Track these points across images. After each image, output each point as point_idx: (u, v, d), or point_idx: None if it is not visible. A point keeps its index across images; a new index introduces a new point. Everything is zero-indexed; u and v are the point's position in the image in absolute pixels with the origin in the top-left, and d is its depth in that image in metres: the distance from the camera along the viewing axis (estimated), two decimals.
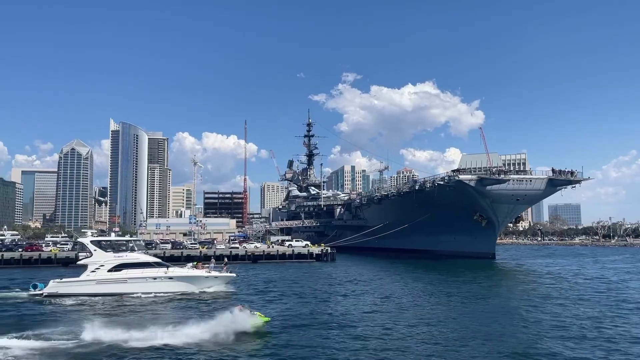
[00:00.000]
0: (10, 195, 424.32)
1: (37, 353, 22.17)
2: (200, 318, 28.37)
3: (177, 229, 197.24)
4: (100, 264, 41.15)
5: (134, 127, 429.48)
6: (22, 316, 32.02)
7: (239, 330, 25.13)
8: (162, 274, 41.63)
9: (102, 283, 40.61)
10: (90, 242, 43.33)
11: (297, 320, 29.78)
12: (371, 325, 28.28)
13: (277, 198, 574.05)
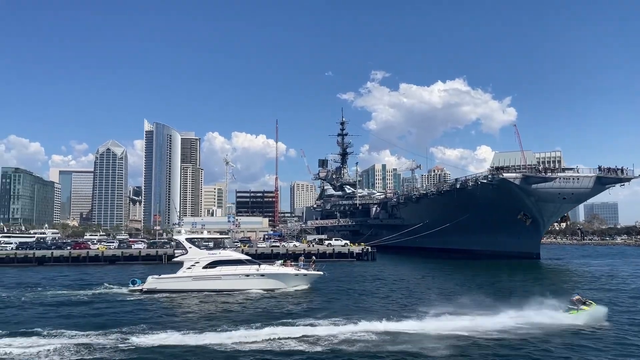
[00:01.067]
0: (49, 194, 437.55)
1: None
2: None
3: (211, 227, 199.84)
4: (195, 261, 42.27)
5: (167, 128, 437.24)
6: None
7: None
8: (254, 271, 42.51)
9: (197, 279, 41.71)
10: (186, 240, 44.29)
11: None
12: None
13: (307, 197, 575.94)
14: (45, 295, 40.91)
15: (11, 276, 61.34)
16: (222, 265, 42.29)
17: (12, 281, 54.17)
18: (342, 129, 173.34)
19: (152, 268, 64.62)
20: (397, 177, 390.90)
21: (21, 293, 42.31)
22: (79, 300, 38.45)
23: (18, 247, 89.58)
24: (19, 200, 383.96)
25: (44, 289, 44.89)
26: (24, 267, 76.25)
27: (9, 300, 38.36)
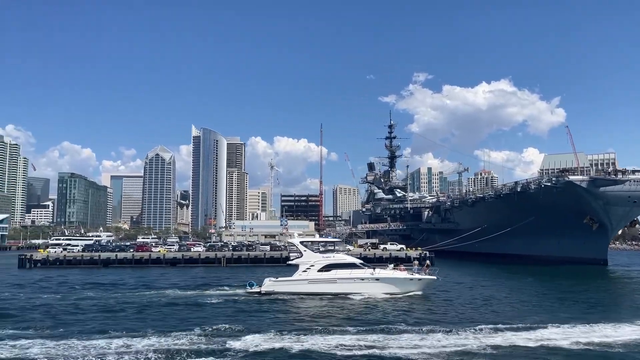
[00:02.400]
0: (102, 198, 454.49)
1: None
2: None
3: (259, 230, 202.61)
4: (310, 264, 42.88)
5: (213, 133, 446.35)
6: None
7: None
8: (368, 275, 42.39)
9: (313, 282, 42.30)
10: (300, 243, 45.07)
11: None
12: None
13: (350, 201, 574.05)
14: (168, 296, 42.52)
15: (103, 276, 63.73)
16: (336, 268, 42.50)
17: (116, 281, 56.14)
18: (390, 132, 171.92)
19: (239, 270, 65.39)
20: (444, 181, 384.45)
21: (145, 293, 44.21)
22: (206, 302, 39.16)
23: (84, 250, 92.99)
24: (75, 204, 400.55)
25: (161, 290, 46.45)
26: (90, 268, 79.05)
27: (153, 301, 39.75)
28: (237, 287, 46.99)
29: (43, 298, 42.15)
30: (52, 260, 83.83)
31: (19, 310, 35.84)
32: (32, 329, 28.59)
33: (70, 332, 27.68)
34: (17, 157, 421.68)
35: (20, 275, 69.18)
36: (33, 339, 25.78)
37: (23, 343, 25.04)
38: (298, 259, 44.15)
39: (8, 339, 25.76)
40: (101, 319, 32.29)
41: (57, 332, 27.98)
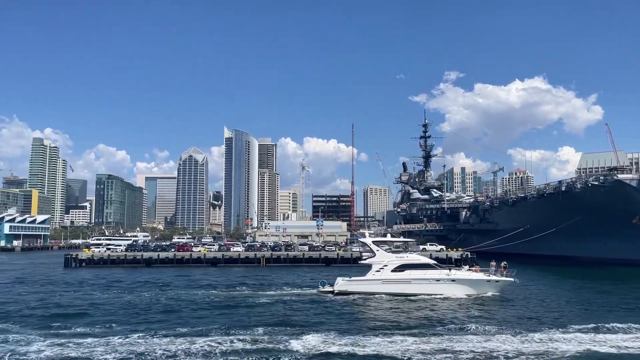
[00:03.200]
0: (137, 199, 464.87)
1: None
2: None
3: (292, 231, 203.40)
4: (384, 264, 42.41)
5: (245, 134, 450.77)
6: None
7: None
8: (444, 276, 41.63)
9: (387, 283, 41.88)
10: (372, 243, 44.63)
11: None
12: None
13: (381, 201, 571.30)
14: (243, 295, 43.03)
15: (155, 275, 64.65)
16: (410, 269, 41.94)
17: (174, 282, 56.48)
18: (424, 132, 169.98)
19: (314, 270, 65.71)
20: (477, 180, 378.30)
21: (213, 292, 44.93)
22: (278, 301, 39.44)
23: (127, 249, 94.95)
24: (112, 205, 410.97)
25: (231, 289, 47.08)
26: (133, 268, 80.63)
27: (240, 301, 40.06)
28: (305, 286, 47.38)
29: (103, 297, 43.11)
30: (97, 259, 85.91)
31: (87, 309, 36.70)
32: (105, 328, 29.20)
33: (134, 330, 28.20)
34: (56, 160, 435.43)
35: (70, 274, 70.97)
36: (110, 337, 26.42)
37: (112, 340, 25.65)
38: (371, 259, 43.59)
39: (90, 337, 26.34)
40: (189, 317, 32.62)
41: (124, 329, 28.61)
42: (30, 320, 31.33)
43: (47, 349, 23.76)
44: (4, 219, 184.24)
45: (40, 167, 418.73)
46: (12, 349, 23.87)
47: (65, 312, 34.78)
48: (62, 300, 41.45)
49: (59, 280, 59.47)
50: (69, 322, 30.60)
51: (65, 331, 28.05)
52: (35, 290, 49.59)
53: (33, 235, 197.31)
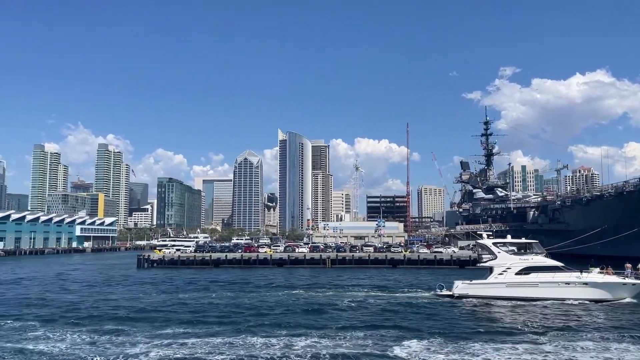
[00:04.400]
0: (196, 202, 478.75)
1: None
2: None
3: (348, 232, 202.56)
4: (506, 267, 40.61)
5: (299, 136, 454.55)
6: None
7: None
8: (574, 279, 39.16)
9: (512, 286, 39.91)
10: (493, 244, 42.92)
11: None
12: None
13: (436, 201, 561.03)
14: (355, 297, 42.61)
15: (235, 276, 65.48)
16: (537, 271, 39.82)
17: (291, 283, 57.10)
18: (485, 129, 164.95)
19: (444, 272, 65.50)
20: (539, 179, 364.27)
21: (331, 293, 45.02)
22: (393, 304, 38.84)
23: (196, 250, 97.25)
24: (172, 207, 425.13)
25: (312, 290, 47.29)
26: (202, 268, 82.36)
27: (326, 302, 39.91)
28: (418, 289, 46.50)
29: (191, 297, 43.93)
30: (168, 260, 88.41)
31: (177, 309, 37.38)
32: (204, 328, 29.48)
33: (236, 330, 28.34)
34: (120, 165, 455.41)
35: (145, 274, 73.24)
36: (211, 337, 26.63)
37: (211, 341, 25.79)
38: (492, 261, 41.68)
39: (193, 337, 26.67)
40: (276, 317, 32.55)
41: (224, 329, 28.75)
42: (127, 321, 32.04)
43: (153, 350, 24.09)
44: (76, 222, 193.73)
45: (105, 172, 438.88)
46: (119, 351, 24.37)
47: (160, 312, 35.46)
48: (153, 300, 42.51)
49: (139, 281, 61.29)
50: (166, 322, 31.17)
51: (167, 331, 28.52)
52: (123, 290, 51.04)
53: (102, 237, 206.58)
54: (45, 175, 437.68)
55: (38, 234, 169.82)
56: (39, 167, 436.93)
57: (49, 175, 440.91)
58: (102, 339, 26.68)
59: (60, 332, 28.16)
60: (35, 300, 43.01)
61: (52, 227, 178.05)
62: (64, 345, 25.31)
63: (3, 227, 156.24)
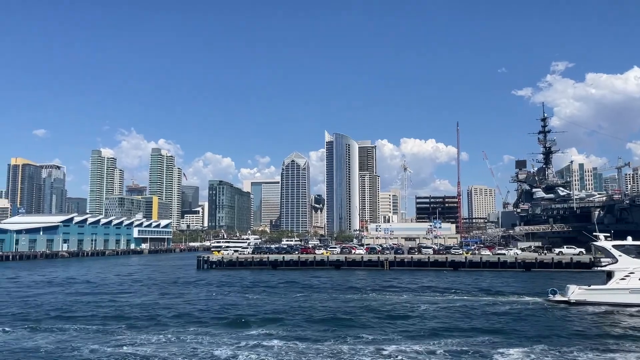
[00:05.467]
0: (245, 204, 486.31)
1: None
2: None
3: (399, 233, 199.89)
4: (629, 271, 38.82)
5: (345, 137, 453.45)
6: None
7: None
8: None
9: (636, 292, 37.88)
10: (613, 247, 40.97)
11: None
12: None
13: (486, 201, 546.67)
14: (401, 299, 42.09)
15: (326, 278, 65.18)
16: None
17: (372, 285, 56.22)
18: (543, 126, 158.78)
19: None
20: (598, 177, 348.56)
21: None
22: (500, 310, 37.33)
23: (253, 252, 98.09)
24: (223, 210, 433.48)
25: (417, 293, 46.71)
26: (260, 270, 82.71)
27: (404, 306, 39.05)
28: (525, 294, 45.01)
29: (262, 299, 43.93)
30: (226, 261, 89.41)
31: (246, 310, 37.34)
32: (287, 330, 29.26)
33: (323, 333, 27.84)
34: (172, 168, 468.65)
35: (206, 275, 74.25)
36: (297, 341, 26.24)
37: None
38: (612, 265, 39.39)
39: (276, 339, 26.39)
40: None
41: (311, 333, 28.36)
42: (208, 321, 32.16)
43: (240, 354, 23.83)
44: (133, 224, 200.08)
45: (158, 175, 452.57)
46: (206, 350, 24.30)
47: (236, 313, 35.55)
48: (226, 300, 42.84)
49: (204, 282, 62.01)
50: (247, 323, 31.09)
51: (251, 332, 28.40)
52: (195, 291, 51.67)
53: (158, 239, 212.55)
54: (103, 180, 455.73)
55: (99, 236, 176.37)
56: (96, 172, 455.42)
57: (106, 179, 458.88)
58: (188, 340, 26.74)
59: (147, 334, 28.43)
60: (111, 301, 44.06)
61: (112, 229, 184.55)
62: (150, 348, 25.40)
63: (67, 229, 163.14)
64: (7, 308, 39.39)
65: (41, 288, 56.38)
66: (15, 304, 42.05)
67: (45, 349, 25.09)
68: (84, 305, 40.75)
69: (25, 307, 39.68)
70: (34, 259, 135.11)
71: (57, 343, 26.39)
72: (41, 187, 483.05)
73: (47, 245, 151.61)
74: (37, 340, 27.06)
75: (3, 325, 31.47)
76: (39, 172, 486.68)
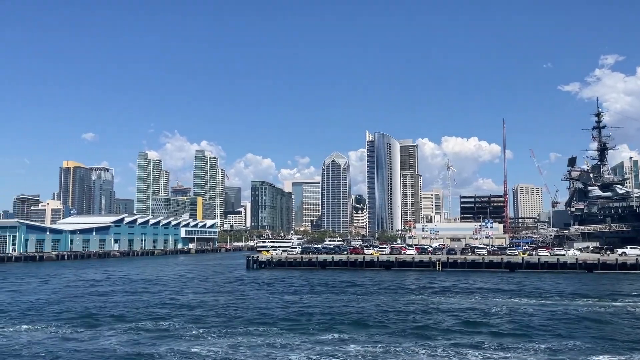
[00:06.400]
0: (287, 204, 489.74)
1: None
2: None
3: (444, 233, 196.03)
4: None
5: (386, 136, 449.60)
6: None
7: None
8: None
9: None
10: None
11: None
12: None
13: (533, 200, 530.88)
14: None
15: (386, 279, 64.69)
16: None
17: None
18: (597, 122, 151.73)
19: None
20: None
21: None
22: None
23: (302, 252, 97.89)
24: (265, 210, 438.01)
25: (486, 296, 45.43)
26: (310, 270, 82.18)
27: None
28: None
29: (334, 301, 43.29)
30: (275, 261, 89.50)
31: (319, 312, 36.70)
32: (380, 335, 28.36)
33: (422, 339, 26.82)
34: (215, 169, 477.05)
35: (258, 275, 74.32)
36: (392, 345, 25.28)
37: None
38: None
39: (355, 345, 25.56)
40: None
41: (382, 338, 27.38)
42: (276, 323, 31.67)
43: (316, 359, 23.11)
44: (181, 224, 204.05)
45: (202, 177, 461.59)
46: (281, 355, 23.69)
47: (303, 314, 34.97)
48: (286, 300, 42.40)
49: (260, 281, 61.86)
50: (314, 325, 30.47)
51: (324, 336, 27.64)
52: (254, 291, 51.47)
53: (204, 239, 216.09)
54: (149, 181, 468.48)
55: (148, 236, 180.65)
56: (143, 174, 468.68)
57: (152, 180, 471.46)
58: (259, 342, 26.22)
59: (217, 335, 28.15)
60: (172, 301, 44.37)
61: (160, 229, 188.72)
62: (221, 349, 25.04)
63: (118, 230, 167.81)
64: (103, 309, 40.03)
65: (116, 285, 57.66)
66: (107, 304, 42.52)
67: (126, 350, 25.15)
68: (155, 305, 40.96)
69: (119, 309, 39.62)
70: (87, 258, 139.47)
71: (130, 345, 26.44)
72: (91, 188, 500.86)
73: (100, 245, 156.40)
74: (141, 342, 27.17)
75: (101, 327, 31.91)
76: (89, 175, 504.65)
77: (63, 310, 38.27)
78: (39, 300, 44.31)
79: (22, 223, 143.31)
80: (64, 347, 25.78)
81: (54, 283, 62.93)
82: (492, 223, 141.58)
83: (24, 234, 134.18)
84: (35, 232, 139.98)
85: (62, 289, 54.47)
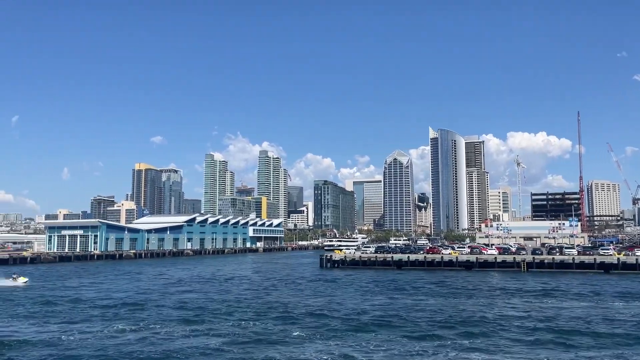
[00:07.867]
0: (349, 203, 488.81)
1: None
2: None
3: (517, 232, 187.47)
4: None
5: (451, 133, 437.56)
6: None
7: None
8: None
9: None
10: None
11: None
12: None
13: (609, 197, 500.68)
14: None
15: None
16: None
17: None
18: None
19: None
20: None
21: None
22: None
23: (376, 251, 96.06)
24: (328, 209, 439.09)
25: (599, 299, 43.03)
26: (385, 270, 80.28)
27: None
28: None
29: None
30: (349, 260, 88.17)
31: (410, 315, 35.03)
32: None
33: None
34: (278, 169, 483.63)
35: (334, 275, 73.28)
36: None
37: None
38: None
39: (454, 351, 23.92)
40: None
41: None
42: (375, 326, 30.37)
43: None
44: (249, 223, 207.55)
45: (266, 177, 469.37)
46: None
47: (399, 317, 33.46)
48: (375, 301, 40.97)
49: (342, 280, 60.73)
50: (421, 329, 28.66)
51: (424, 344, 25.91)
52: (339, 292, 50.43)
53: (271, 238, 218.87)
54: (216, 182, 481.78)
55: (218, 235, 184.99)
56: (210, 174, 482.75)
57: (219, 181, 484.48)
58: (363, 344, 24.84)
59: (320, 339, 27.12)
60: (260, 300, 43.96)
61: (230, 228, 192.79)
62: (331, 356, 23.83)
63: (190, 229, 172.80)
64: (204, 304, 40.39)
65: (205, 284, 58.50)
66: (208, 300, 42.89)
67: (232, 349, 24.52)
68: (254, 304, 40.74)
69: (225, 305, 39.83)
70: (162, 257, 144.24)
71: (237, 344, 25.81)
72: (161, 189, 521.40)
73: (174, 244, 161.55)
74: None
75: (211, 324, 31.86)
76: (159, 176, 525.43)
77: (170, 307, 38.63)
78: (151, 297, 45.30)
79: (102, 223, 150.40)
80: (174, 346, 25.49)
81: (143, 280, 64.86)
82: (576, 221, 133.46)
83: (105, 233, 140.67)
84: (115, 232, 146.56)
85: (158, 288, 55.67)
